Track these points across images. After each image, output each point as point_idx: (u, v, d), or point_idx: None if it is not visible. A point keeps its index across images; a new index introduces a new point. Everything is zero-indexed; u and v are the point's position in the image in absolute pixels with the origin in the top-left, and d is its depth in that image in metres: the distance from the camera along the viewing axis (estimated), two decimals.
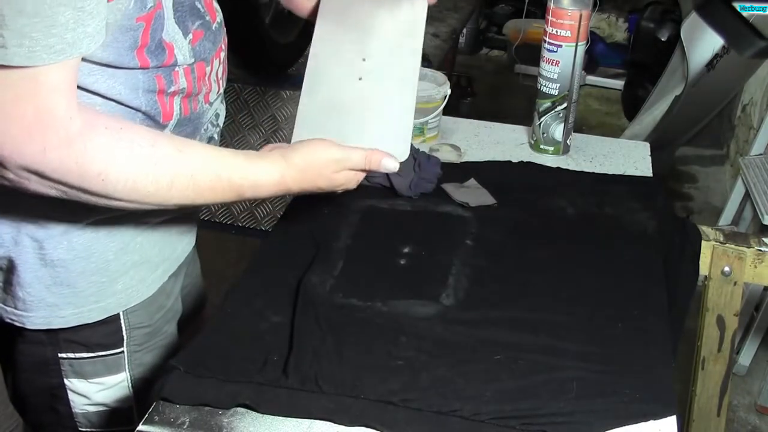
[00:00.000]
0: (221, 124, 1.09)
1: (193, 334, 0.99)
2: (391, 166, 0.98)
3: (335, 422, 0.82)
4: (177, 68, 0.94)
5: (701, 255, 1.31)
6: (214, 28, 1.00)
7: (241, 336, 0.93)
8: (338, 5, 1.12)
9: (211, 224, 2.24)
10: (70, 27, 0.76)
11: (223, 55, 1.04)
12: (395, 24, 1.10)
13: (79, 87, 0.86)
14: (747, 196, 2.52)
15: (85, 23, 0.77)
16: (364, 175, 1.00)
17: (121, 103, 0.90)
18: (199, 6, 0.96)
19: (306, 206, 1.19)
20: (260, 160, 0.93)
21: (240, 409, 0.84)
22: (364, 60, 1.07)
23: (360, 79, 1.06)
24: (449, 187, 1.23)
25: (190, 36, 0.94)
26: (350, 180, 0.98)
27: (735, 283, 1.36)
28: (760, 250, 1.35)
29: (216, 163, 0.90)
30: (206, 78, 0.99)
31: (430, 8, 1.11)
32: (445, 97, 1.40)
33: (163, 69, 0.92)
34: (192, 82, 0.97)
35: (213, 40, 0.99)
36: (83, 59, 0.84)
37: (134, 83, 0.90)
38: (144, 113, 0.93)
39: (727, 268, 1.35)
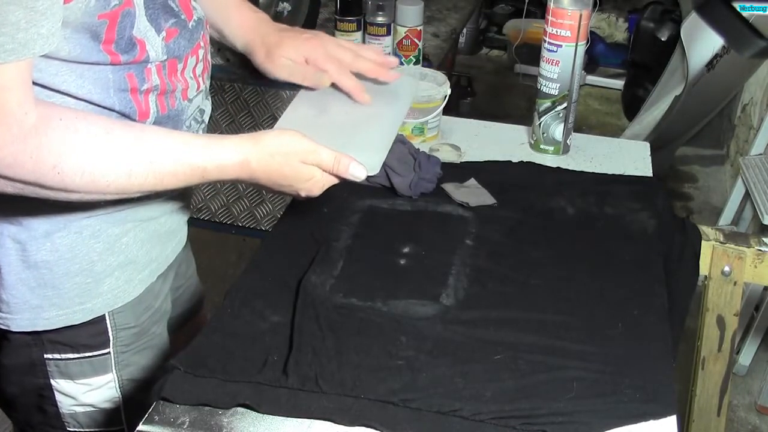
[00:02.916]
0: (206, 120, 1.08)
1: (190, 334, 0.99)
2: (359, 173, 0.95)
3: (335, 422, 0.82)
4: (149, 65, 0.93)
5: (701, 255, 1.31)
6: (190, 26, 0.98)
7: (241, 336, 0.93)
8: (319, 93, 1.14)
9: (211, 224, 2.24)
10: (22, 27, 0.74)
11: (201, 52, 1.02)
12: (389, 86, 1.14)
13: (49, 88, 0.86)
14: (747, 196, 2.52)
15: (38, 24, 0.76)
16: (331, 181, 0.97)
17: (94, 103, 0.90)
18: (173, 5, 0.95)
19: (306, 206, 1.18)
20: (223, 141, 0.91)
21: (240, 409, 0.84)
22: (354, 102, 1.10)
23: (347, 113, 1.08)
24: (449, 187, 1.23)
25: (164, 33, 0.93)
26: (316, 180, 0.95)
27: (735, 283, 1.36)
28: (760, 250, 1.35)
29: (175, 147, 0.88)
30: (179, 74, 0.98)
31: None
32: (445, 97, 1.39)
33: (135, 66, 0.91)
34: (164, 78, 0.95)
35: (189, 38, 0.98)
36: (50, 57, 0.83)
37: (104, 82, 0.89)
38: (118, 113, 0.92)
39: (727, 268, 1.35)
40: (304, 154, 0.93)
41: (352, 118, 1.08)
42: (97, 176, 0.83)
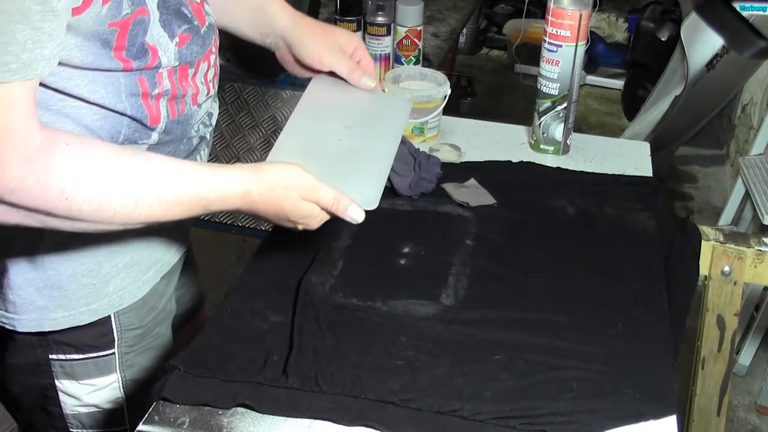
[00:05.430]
0: (214, 124, 1.08)
1: (191, 334, 0.98)
2: (356, 216, 0.95)
3: (335, 422, 0.82)
4: (161, 70, 0.93)
5: (701, 255, 1.31)
6: (202, 32, 0.98)
7: (241, 336, 0.93)
8: (327, 84, 1.15)
9: (211, 224, 2.24)
10: (28, 47, 0.74)
11: (212, 58, 1.02)
12: (380, 110, 1.15)
13: (62, 92, 0.86)
14: (747, 196, 2.52)
15: (43, 45, 0.75)
16: (327, 217, 0.96)
17: (106, 107, 0.89)
18: (186, 12, 0.95)
19: None
20: (227, 171, 0.91)
21: (240, 409, 0.84)
22: (346, 127, 1.09)
23: (340, 140, 1.07)
24: (449, 187, 1.23)
25: (177, 39, 0.93)
26: (314, 216, 0.95)
27: (735, 283, 1.36)
28: (760, 250, 1.35)
29: (181, 178, 0.88)
30: (189, 79, 0.98)
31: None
32: (445, 97, 1.39)
33: (147, 71, 0.91)
34: (175, 83, 0.95)
35: (201, 43, 0.98)
36: (63, 64, 0.83)
37: (116, 87, 0.89)
38: (130, 117, 0.92)
39: (727, 268, 1.35)
40: (304, 189, 0.92)
41: (349, 144, 1.07)
42: (104, 204, 0.82)
